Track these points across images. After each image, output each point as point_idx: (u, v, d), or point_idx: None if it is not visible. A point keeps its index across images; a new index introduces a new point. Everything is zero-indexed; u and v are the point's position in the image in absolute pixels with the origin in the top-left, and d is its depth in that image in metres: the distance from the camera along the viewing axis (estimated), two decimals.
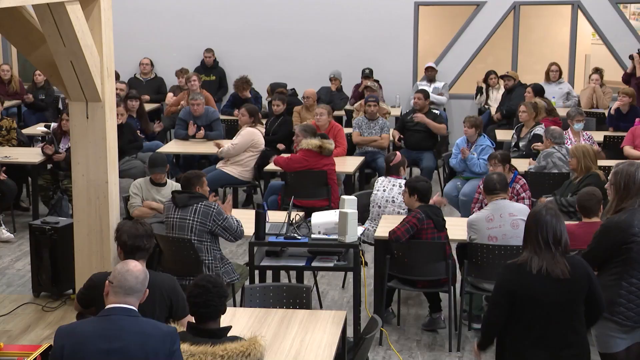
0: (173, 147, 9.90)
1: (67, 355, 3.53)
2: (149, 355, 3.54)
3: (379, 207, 7.26)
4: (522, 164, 8.46)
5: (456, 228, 6.58)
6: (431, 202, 6.55)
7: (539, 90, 10.62)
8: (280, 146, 9.57)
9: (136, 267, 3.75)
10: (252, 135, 9.11)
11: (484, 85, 12.25)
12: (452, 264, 6.28)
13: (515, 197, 7.16)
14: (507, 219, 6.20)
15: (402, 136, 10.01)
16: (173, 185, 7.25)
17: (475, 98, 12.34)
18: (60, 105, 12.04)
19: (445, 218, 6.41)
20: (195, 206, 6.22)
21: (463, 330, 6.37)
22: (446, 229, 6.33)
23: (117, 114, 9.26)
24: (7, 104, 11.24)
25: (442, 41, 13.01)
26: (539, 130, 9.06)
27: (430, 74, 12.34)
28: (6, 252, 8.15)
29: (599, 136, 9.69)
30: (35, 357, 4.28)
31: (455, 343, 6.22)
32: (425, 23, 13.01)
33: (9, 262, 7.89)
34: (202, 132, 9.84)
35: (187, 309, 4.66)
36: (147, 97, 12.05)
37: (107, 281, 3.74)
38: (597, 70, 11.92)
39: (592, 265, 4.41)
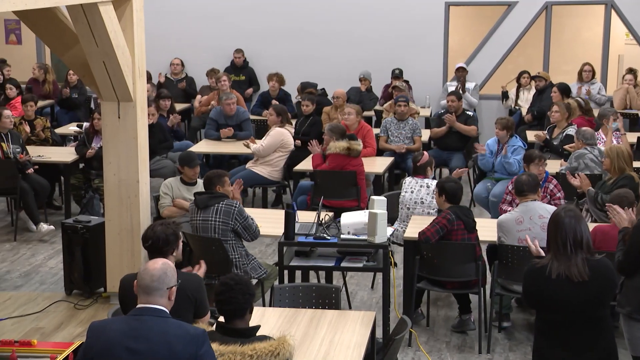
0: (203, 147, 9.95)
1: (97, 351, 3.57)
2: (175, 357, 3.54)
3: (408, 208, 7.24)
4: (554, 165, 8.39)
5: (486, 229, 6.53)
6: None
7: (564, 90, 10.53)
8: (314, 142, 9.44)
9: (154, 265, 3.68)
10: (281, 135, 9.13)
11: (508, 90, 12.17)
12: (482, 265, 6.24)
13: (549, 197, 7.10)
14: (536, 221, 6.15)
15: (450, 123, 9.85)
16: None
17: (503, 102, 12.26)
18: (92, 105, 12.16)
19: (476, 219, 6.37)
20: (217, 206, 6.25)
21: (493, 332, 6.33)
22: (476, 230, 6.30)
23: (149, 114, 9.36)
24: (40, 103, 11.37)
25: (472, 41, 12.94)
26: (571, 130, 8.98)
27: (461, 75, 12.28)
28: (39, 249, 8.25)
29: (632, 137, 9.57)
30: (68, 355, 4.33)
31: (485, 345, 6.18)
32: (456, 23, 12.95)
33: (42, 260, 7.98)
34: (230, 130, 9.87)
35: (207, 308, 4.71)
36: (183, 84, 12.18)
37: (135, 282, 3.77)
38: (631, 71, 11.78)
39: (633, 267, 4.37)
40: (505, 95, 12.18)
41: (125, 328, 3.58)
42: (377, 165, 9.15)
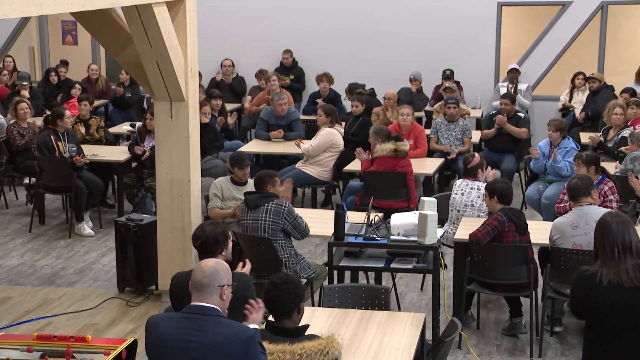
0: (253, 146, 10.01)
1: (150, 346, 3.62)
2: (226, 357, 3.56)
3: (458, 210, 7.18)
4: (609, 167, 8.23)
5: (538, 232, 6.44)
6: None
7: (633, 93, 10.40)
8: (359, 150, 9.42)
9: (207, 263, 3.73)
10: (331, 135, 9.13)
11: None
12: (534, 268, 6.15)
13: (602, 199, 6.97)
14: (592, 226, 5.98)
15: (501, 122, 9.74)
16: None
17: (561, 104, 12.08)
18: (145, 105, 12.33)
19: (528, 222, 6.28)
20: (267, 206, 6.27)
21: (545, 336, 6.24)
22: (528, 233, 6.21)
23: (205, 113, 9.48)
24: (95, 103, 11.57)
25: (525, 42, 12.78)
26: (626, 132, 8.82)
27: (513, 76, 12.13)
28: (93, 247, 8.40)
29: None
30: (121, 351, 4.39)
31: (536, 349, 6.09)
32: (508, 23, 12.80)
33: (95, 257, 8.12)
34: (280, 132, 9.91)
35: None
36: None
37: (190, 281, 3.80)
38: None
39: None
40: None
41: (179, 325, 3.62)
42: (427, 166, 9.09)
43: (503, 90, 11.58)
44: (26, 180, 9.71)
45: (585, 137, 10.16)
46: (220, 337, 3.58)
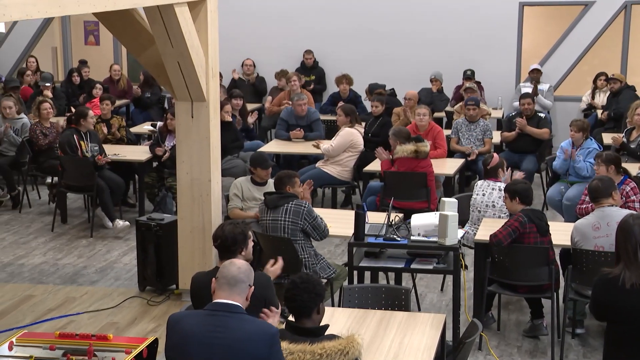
0: (273, 146, 10.03)
1: (173, 344, 3.64)
2: (249, 353, 3.58)
3: (479, 211, 7.14)
4: (632, 168, 8.16)
5: (559, 233, 6.40)
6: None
7: None
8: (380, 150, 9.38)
9: (239, 261, 3.87)
10: (351, 135, 9.13)
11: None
12: (555, 269, 6.11)
13: (624, 199, 6.91)
14: (614, 227, 5.94)
15: (521, 127, 9.68)
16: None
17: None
18: (166, 105, 12.39)
19: (549, 223, 6.24)
20: (286, 206, 6.28)
21: (566, 338, 6.20)
22: (550, 234, 6.17)
23: (227, 112, 9.52)
24: (116, 103, 11.64)
25: (546, 42, 12.71)
26: None
27: (535, 76, 12.07)
28: (115, 246, 8.45)
29: None
30: (142, 350, 4.41)
31: (557, 351, 6.05)
32: (530, 23, 12.73)
33: (116, 256, 8.17)
34: (301, 132, 9.93)
35: (276, 306, 4.74)
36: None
37: (214, 279, 3.82)
38: None
39: None
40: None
41: (201, 322, 3.65)
42: (447, 166, 9.07)
43: (525, 91, 11.52)
44: (49, 180, 9.79)
45: (607, 137, 10.09)
46: (245, 334, 3.61)
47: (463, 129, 9.85)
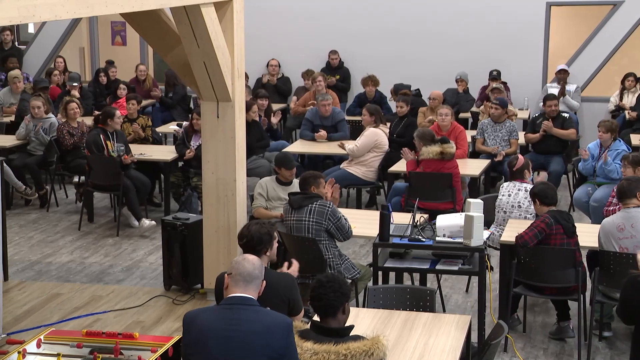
0: (298, 147, 10.04)
1: (191, 340, 3.67)
2: (266, 344, 3.62)
3: (505, 212, 7.10)
4: None
5: (587, 234, 6.35)
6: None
7: None
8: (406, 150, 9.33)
9: (252, 256, 3.91)
10: (376, 135, 9.11)
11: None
12: (582, 271, 6.06)
13: None
14: (638, 229, 5.93)
15: (544, 133, 9.61)
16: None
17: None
18: (191, 105, 12.45)
19: (576, 224, 6.19)
20: (310, 206, 6.28)
21: (593, 340, 6.14)
22: (576, 235, 6.12)
23: (254, 113, 9.55)
24: (142, 103, 11.71)
25: (574, 42, 12.60)
26: None
27: (562, 77, 11.97)
28: (140, 245, 8.50)
29: None
30: (167, 349, 4.43)
31: (584, 353, 6.00)
32: (557, 23, 12.63)
33: (142, 255, 8.22)
34: (324, 134, 9.92)
35: (300, 306, 4.76)
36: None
37: (225, 275, 3.85)
38: None
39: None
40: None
41: (218, 317, 3.69)
42: (473, 167, 9.02)
43: (552, 91, 11.43)
44: (76, 179, 9.88)
45: (635, 139, 9.99)
46: (261, 325, 3.66)
47: (489, 130, 9.79)
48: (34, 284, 7.40)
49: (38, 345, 4.52)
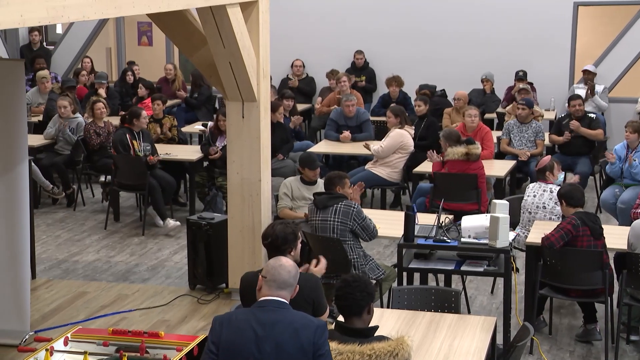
0: (323, 147, 10.04)
1: (224, 341, 3.67)
2: (300, 346, 3.62)
3: (529, 213, 7.06)
4: None
5: (614, 236, 6.29)
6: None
7: None
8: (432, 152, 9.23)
9: (288, 262, 3.85)
10: (401, 137, 9.09)
11: None
12: (609, 273, 6.00)
13: None
14: None
15: (569, 137, 9.54)
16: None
17: None
18: (216, 105, 12.50)
19: (603, 226, 6.13)
20: (336, 206, 6.28)
21: (620, 343, 6.07)
22: (604, 237, 6.06)
23: (280, 114, 9.56)
24: (168, 103, 11.77)
25: (601, 43, 12.48)
26: None
27: (588, 77, 11.86)
28: (166, 244, 8.55)
29: None
30: (193, 348, 4.45)
31: (611, 356, 5.94)
32: (584, 24, 12.52)
33: (167, 254, 8.27)
34: (348, 135, 9.91)
35: (325, 306, 4.75)
36: None
37: (260, 276, 3.84)
38: None
39: None
40: None
41: (252, 318, 3.69)
42: (498, 168, 8.97)
43: (579, 92, 11.33)
44: (102, 178, 9.96)
45: None
46: (295, 326, 3.65)
47: (515, 131, 9.73)
48: (61, 282, 7.47)
49: (65, 343, 4.56)
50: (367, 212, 6.46)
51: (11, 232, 6.03)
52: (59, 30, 15.29)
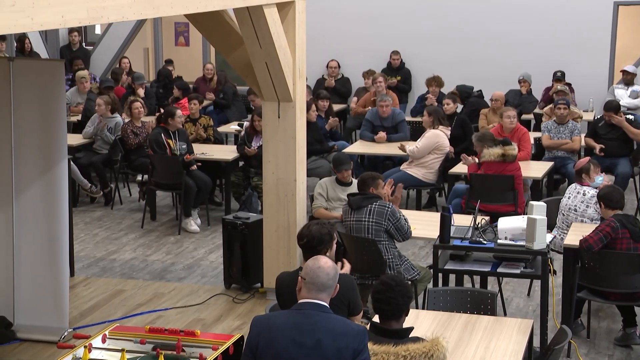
0: (358, 147, 10.03)
1: (262, 345, 3.65)
2: (339, 352, 3.58)
3: (563, 214, 6.98)
4: None
5: None
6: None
7: None
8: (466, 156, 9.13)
9: (327, 264, 3.77)
10: (436, 137, 9.04)
11: None
12: None
13: None
14: None
15: (602, 146, 9.48)
16: None
17: None
18: (252, 105, 12.54)
19: None
20: (370, 207, 6.26)
21: None
22: None
23: (314, 111, 9.57)
24: (204, 102, 11.84)
25: None
26: None
27: (628, 78, 11.69)
28: (201, 244, 8.60)
29: None
30: (229, 347, 4.47)
31: None
32: (625, 24, 12.34)
33: (203, 253, 8.32)
34: (384, 135, 9.88)
35: (360, 307, 4.74)
36: None
37: (299, 277, 3.82)
38: None
39: None
40: None
41: (291, 322, 3.66)
42: (536, 169, 8.89)
43: (618, 93, 11.18)
44: (139, 177, 10.05)
45: None
46: (335, 332, 3.61)
47: (552, 131, 9.64)
48: (99, 280, 7.56)
49: (103, 341, 4.61)
50: (402, 212, 6.42)
51: (51, 230, 6.12)
52: (98, 31, 15.49)
